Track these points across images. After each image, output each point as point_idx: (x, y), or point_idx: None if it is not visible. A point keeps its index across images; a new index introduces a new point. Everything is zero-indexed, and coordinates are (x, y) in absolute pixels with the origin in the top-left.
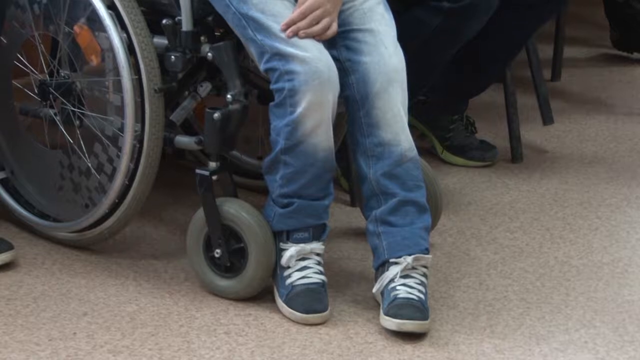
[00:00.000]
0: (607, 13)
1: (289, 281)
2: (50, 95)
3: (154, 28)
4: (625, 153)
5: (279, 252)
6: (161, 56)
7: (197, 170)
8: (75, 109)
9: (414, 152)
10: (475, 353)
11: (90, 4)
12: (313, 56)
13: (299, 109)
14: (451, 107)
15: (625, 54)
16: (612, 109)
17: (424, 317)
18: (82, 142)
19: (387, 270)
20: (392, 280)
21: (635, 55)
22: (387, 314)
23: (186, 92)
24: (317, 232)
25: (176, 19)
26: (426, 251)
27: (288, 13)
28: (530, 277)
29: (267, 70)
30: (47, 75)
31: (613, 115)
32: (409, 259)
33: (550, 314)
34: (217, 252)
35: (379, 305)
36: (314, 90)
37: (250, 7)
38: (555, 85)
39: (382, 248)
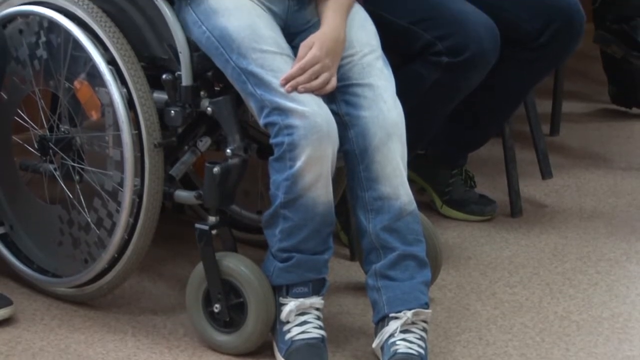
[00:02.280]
0: (605, 68)
1: (288, 336)
2: (50, 151)
3: (154, 83)
4: (624, 208)
5: (279, 306)
6: (161, 111)
7: (197, 225)
8: (75, 164)
9: (413, 206)
10: None
11: (91, 60)
12: (312, 110)
13: (298, 163)
14: (450, 161)
15: (623, 109)
16: (611, 164)
17: None
18: (81, 197)
19: (387, 325)
20: (392, 335)
21: (634, 110)
22: None
23: (186, 147)
24: (317, 287)
25: (176, 74)
26: (426, 306)
27: (287, 68)
28: (530, 332)
29: (266, 125)
30: (47, 131)
31: (612, 170)
32: (409, 313)
33: None
34: (217, 307)
35: None
36: (313, 144)
37: (250, 62)
38: (554, 139)
39: (381, 303)
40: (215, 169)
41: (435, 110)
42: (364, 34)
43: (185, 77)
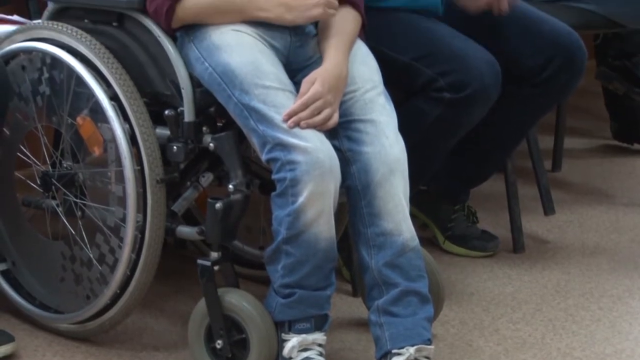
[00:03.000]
0: (607, 105)
1: None
2: (53, 187)
3: (157, 119)
4: (626, 244)
5: (281, 342)
6: (163, 147)
7: (199, 261)
8: (78, 200)
9: (415, 241)
10: None
11: (93, 96)
12: (314, 146)
13: (301, 199)
14: (452, 197)
15: (625, 145)
16: (613, 200)
17: None
18: (84, 233)
19: None
20: None
21: (636, 146)
22: None
23: (188, 183)
24: (319, 323)
25: (178, 109)
26: (429, 342)
27: (290, 104)
28: None
29: (269, 160)
30: (50, 167)
31: (614, 206)
32: (412, 349)
33: None
34: (219, 343)
35: None
36: (315, 180)
37: (252, 97)
38: (556, 175)
39: (384, 339)
40: (218, 205)
41: (437, 145)
42: (366, 69)
43: (188, 113)
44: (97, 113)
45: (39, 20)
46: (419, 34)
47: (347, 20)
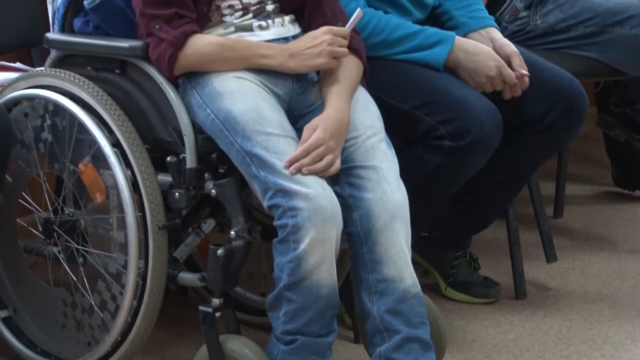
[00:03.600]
0: (608, 151)
1: None
2: (54, 233)
3: (158, 165)
4: (628, 290)
5: None
6: (165, 193)
7: (200, 307)
8: (79, 247)
9: (417, 288)
10: None
11: (96, 142)
12: (316, 193)
13: (302, 246)
14: (454, 244)
15: (627, 191)
16: (615, 247)
17: None
18: (85, 280)
19: None
20: None
21: (637, 193)
22: None
23: (190, 229)
24: None
25: (180, 156)
26: None
27: (291, 150)
28: None
29: (270, 207)
30: (52, 213)
31: (616, 253)
32: None
33: None
34: None
35: None
36: (317, 226)
37: (254, 144)
38: (558, 222)
39: None
40: (219, 251)
41: (439, 193)
42: (367, 116)
43: (190, 159)
44: (99, 160)
45: (42, 68)
46: (419, 82)
47: (349, 67)
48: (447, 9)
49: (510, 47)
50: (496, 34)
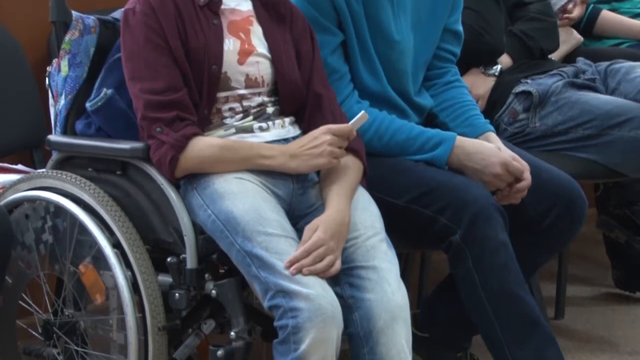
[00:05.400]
0: (608, 252)
1: None
2: (54, 335)
3: (159, 266)
4: None
5: None
6: (165, 294)
7: None
8: (79, 348)
9: None
10: None
11: (96, 243)
12: (317, 293)
13: (303, 346)
14: (454, 345)
15: (627, 293)
16: (616, 348)
17: None
18: None
19: None
20: None
21: (638, 294)
22: None
23: (190, 330)
24: None
25: (181, 257)
26: None
27: (292, 250)
28: None
29: (271, 308)
30: (51, 315)
31: (617, 354)
32: None
33: None
34: None
35: None
36: (317, 327)
37: (255, 245)
38: (559, 323)
39: None
40: (219, 352)
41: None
42: (367, 216)
43: (190, 260)
44: (100, 260)
45: (43, 170)
46: (412, 176)
47: (349, 167)
48: (444, 120)
49: (507, 152)
50: (494, 139)
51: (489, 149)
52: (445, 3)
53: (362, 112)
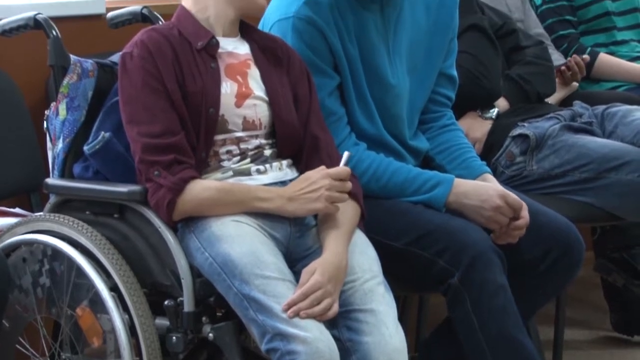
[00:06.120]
0: (606, 296)
1: None
2: None
3: (156, 309)
4: None
5: None
6: (163, 337)
7: None
8: None
9: None
10: None
11: (93, 287)
12: (314, 336)
13: None
14: None
15: (625, 336)
16: None
17: None
18: None
19: None
20: None
21: (636, 338)
22: None
23: None
24: None
25: (178, 300)
26: None
27: (289, 294)
28: None
29: (268, 351)
30: (49, 358)
31: None
32: None
33: None
34: None
35: None
36: None
37: (252, 288)
38: None
39: None
40: None
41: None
42: (365, 259)
43: (188, 303)
44: (97, 304)
45: (41, 213)
46: (410, 218)
47: (347, 210)
48: (440, 163)
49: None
50: (491, 180)
51: (487, 186)
52: (440, 48)
53: (346, 152)
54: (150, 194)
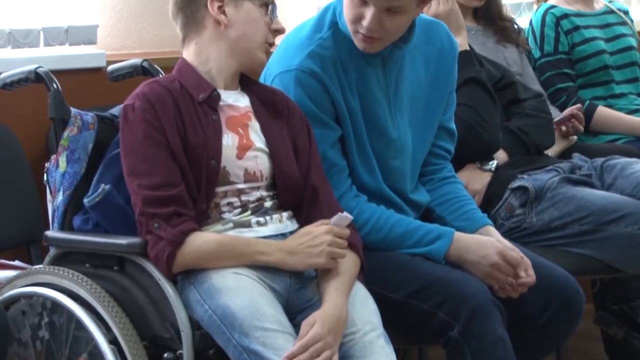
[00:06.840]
0: (606, 348)
1: None
2: None
3: None
4: None
5: None
6: None
7: None
8: None
9: None
10: None
11: (93, 339)
12: None
13: None
14: None
15: None
16: None
17: None
18: None
19: None
20: None
21: None
22: None
23: None
24: None
25: (177, 352)
26: None
27: (289, 346)
28: None
29: None
30: None
31: None
32: None
33: None
34: None
35: None
36: None
37: (252, 340)
38: None
39: None
40: None
41: None
42: (365, 311)
43: (187, 356)
44: (96, 357)
45: (41, 265)
46: (409, 270)
47: (347, 262)
48: (441, 214)
49: (505, 243)
50: (493, 232)
51: (487, 241)
52: (440, 101)
53: (338, 214)
54: (150, 246)
